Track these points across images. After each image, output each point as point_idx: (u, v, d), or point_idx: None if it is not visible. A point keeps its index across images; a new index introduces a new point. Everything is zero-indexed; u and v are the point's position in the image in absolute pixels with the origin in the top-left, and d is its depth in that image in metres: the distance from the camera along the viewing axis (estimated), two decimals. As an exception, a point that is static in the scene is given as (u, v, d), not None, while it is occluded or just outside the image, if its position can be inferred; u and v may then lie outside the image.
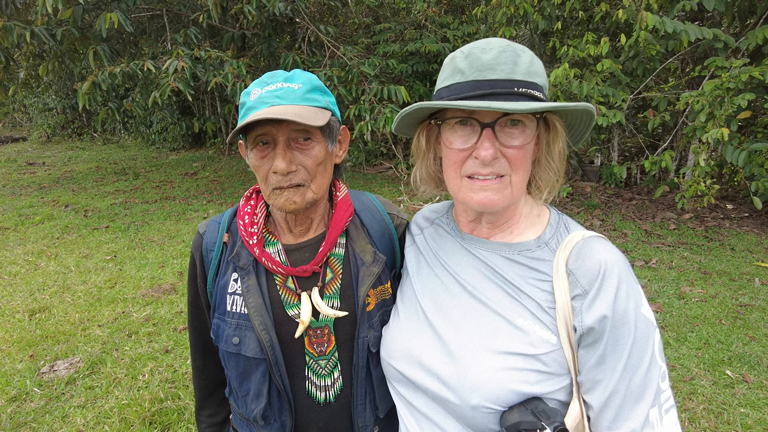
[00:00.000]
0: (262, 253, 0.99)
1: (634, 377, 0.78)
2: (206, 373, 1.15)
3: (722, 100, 4.62)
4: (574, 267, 0.82)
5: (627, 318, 0.77)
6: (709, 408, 2.58)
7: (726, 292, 3.89)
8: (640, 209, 6.39)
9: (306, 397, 1.01)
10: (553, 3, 6.07)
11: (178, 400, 2.77)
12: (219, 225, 1.05)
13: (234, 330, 0.98)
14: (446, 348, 0.86)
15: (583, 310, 0.79)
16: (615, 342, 0.78)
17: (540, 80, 0.82)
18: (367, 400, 1.04)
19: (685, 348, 3.15)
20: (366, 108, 7.14)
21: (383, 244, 1.06)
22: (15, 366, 3.20)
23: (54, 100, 16.21)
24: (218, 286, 1.02)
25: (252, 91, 0.94)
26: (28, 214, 7.17)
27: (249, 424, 1.06)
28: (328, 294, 1.00)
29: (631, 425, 0.78)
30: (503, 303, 0.85)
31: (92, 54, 6.52)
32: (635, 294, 0.80)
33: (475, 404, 0.80)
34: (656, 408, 0.78)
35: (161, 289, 4.31)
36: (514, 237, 0.90)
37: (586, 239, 0.84)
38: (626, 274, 0.81)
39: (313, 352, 1.00)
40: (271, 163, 0.92)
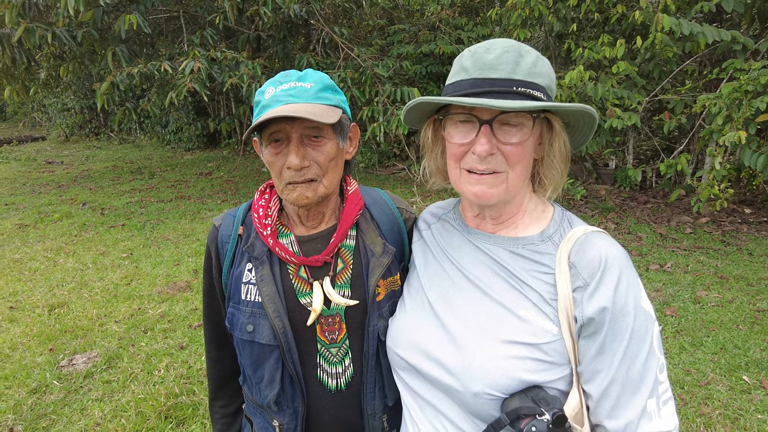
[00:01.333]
0: (276, 243, 1.02)
1: (632, 368, 0.79)
2: (220, 364, 1.18)
3: (740, 103, 4.57)
4: (575, 260, 0.84)
5: (626, 310, 0.79)
6: (726, 413, 2.56)
7: (743, 297, 3.84)
8: (655, 213, 6.33)
9: (318, 384, 1.04)
10: (568, 5, 6.05)
11: (193, 395, 2.81)
12: (234, 218, 1.09)
13: (248, 318, 1.01)
14: (451, 338, 0.88)
15: (584, 301, 0.81)
16: (614, 333, 0.80)
17: (542, 81, 0.84)
18: (376, 388, 1.06)
19: (701, 353, 3.12)
20: (379, 109, 7.17)
21: (392, 236, 1.10)
22: (35, 359, 3.28)
23: (72, 100, 16.48)
24: (233, 276, 1.05)
25: (266, 90, 0.97)
26: (47, 212, 7.31)
27: (262, 411, 1.08)
28: (339, 283, 1.03)
29: (628, 415, 0.79)
30: (507, 294, 0.88)
31: (111, 55, 6.63)
32: (635, 287, 0.82)
33: (477, 391, 0.82)
34: (654, 399, 0.80)
35: (176, 286, 4.37)
36: (519, 231, 0.93)
37: (588, 234, 0.87)
38: (626, 267, 0.83)
39: (324, 339, 1.02)
40: (284, 159, 0.95)
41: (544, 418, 0.77)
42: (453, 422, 0.88)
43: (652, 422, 0.79)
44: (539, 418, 0.77)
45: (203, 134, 12.81)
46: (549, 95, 0.86)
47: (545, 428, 0.76)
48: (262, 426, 1.09)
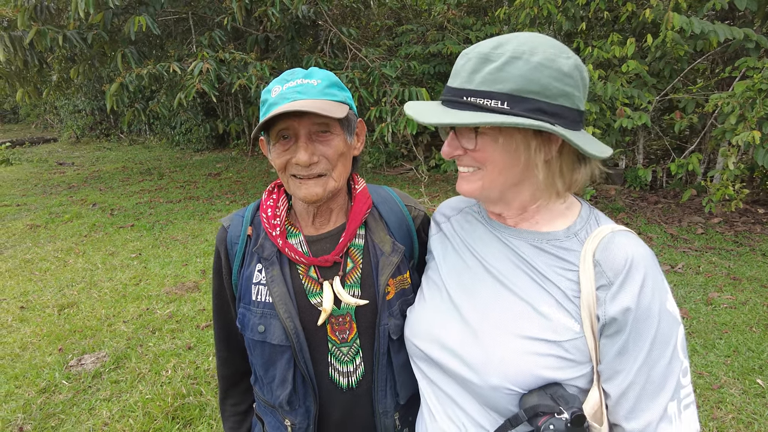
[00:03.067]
0: (285, 244, 1.02)
1: (654, 370, 0.78)
2: (230, 363, 1.18)
3: (753, 102, 4.49)
4: (600, 258, 0.82)
5: (651, 312, 0.78)
6: (739, 417, 2.51)
7: (757, 299, 3.78)
8: (666, 213, 6.26)
9: (329, 383, 1.04)
10: (577, 3, 5.99)
11: (200, 396, 2.81)
12: (242, 219, 1.08)
13: (259, 319, 1.01)
14: (471, 330, 0.88)
15: (607, 300, 0.80)
16: (637, 334, 0.78)
17: (504, 87, 0.79)
18: (387, 387, 1.06)
19: (713, 355, 3.07)
20: (387, 110, 7.16)
21: (401, 234, 1.09)
22: (45, 359, 3.30)
23: (83, 102, 16.65)
24: (243, 277, 1.05)
25: (273, 89, 0.97)
26: (58, 212, 7.38)
27: (274, 410, 1.08)
28: (348, 283, 1.03)
29: (648, 417, 0.78)
30: (529, 289, 0.86)
31: (120, 56, 6.68)
32: (660, 289, 0.80)
33: (495, 385, 0.82)
34: (675, 402, 0.78)
35: (184, 287, 4.38)
36: (541, 226, 0.91)
37: (615, 232, 0.85)
38: (653, 268, 0.81)
39: (335, 339, 1.02)
40: (292, 155, 0.95)
41: (562, 417, 0.75)
42: (469, 414, 0.88)
43: (672, 426, 0.78)
44: (558, 417, 0.76)
45: (212, 135, 12.87)
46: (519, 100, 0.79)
47: (563, 427, 0.75)
48: (274, 425, 1.09)
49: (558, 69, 0.79)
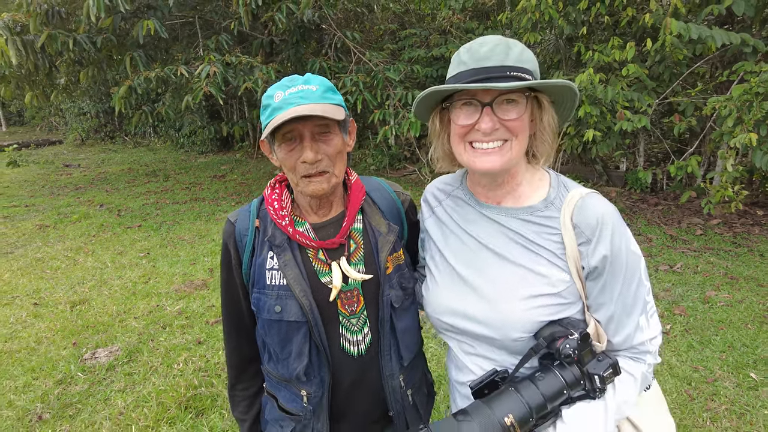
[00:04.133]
0: (295, 231, 1.12)
1: (627, 297, 1.01)
2: (239, 351, 1.27)
3: (750, 105, 4.58)
4: (577, 220, 1.01)
5: (620, 255, 1.00)
6: (732, 409, 2.60)
7: (753, 298, 3.86)
8: (665, 214, 6.34)
9: (341, 352, 1.14)
10: (578, 8, 6.09)
11: (211, 387, 2.91)
12: (249, 213, 1.19)
13: (275, 300, 1.11)
14: (485, 299, 1.06)
15: (589, 254, 1.00)
16: (612, 274, 1.00)
17: (529, 66, 0.99)
18: (392, 351, 1.18)
19: (709, 351, 3.15)
20: (390, 113, 7.27)
21: (393, 217, 1.22)
22: (60, 353, 3.40)
23: (88, 104, 16.80)
24: (255, 265, 1.14)
25: (275, 95, 1.06)
26: (66, 213, 7.49)
27: (288, 384, 1.17)
28: (353, 262, 1.15)
29: (626, 331, 1.03)
30: (524, 256, 1.04)
31: (129, 60, 6.81)
32: (625, 236, 1.01)
33: (515, 337, 1.02)
34: (644, 315, 1.03)
35: (193, 284, 4.48)
36: (522, 201, 1.08)
37: (584, 197, 1.03)
38: (617, 221, 1.01)
39: (345, 312, 1.13)
40: (298, 155, 1.06)
41: (574, 337, 0.96)
42: (493, 360, 1.08)
43: (644, 332, 1.03)
44: (570, 338, 0.96)
45: (216, 138, 12.99)
46: (536, 77, 1.00)
47: (576, 344, 0.95)
48: (288, 398, 1.18)
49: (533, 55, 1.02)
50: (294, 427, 1.17)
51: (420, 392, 1.28)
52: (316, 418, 1.15)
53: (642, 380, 1.04)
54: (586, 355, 0.98)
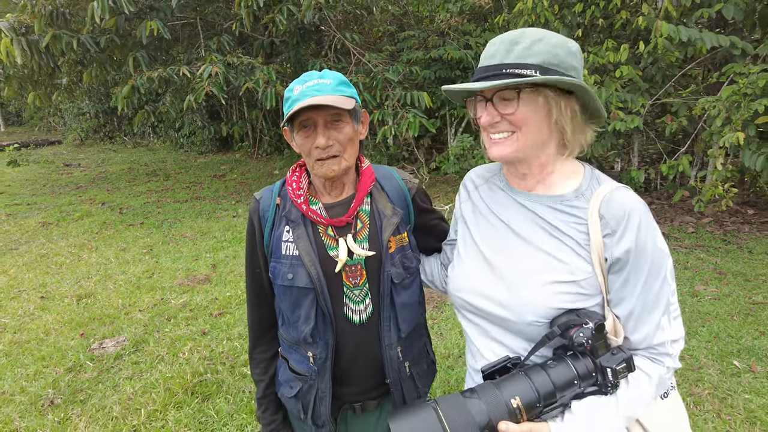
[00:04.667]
0: (309, 209, 1.25)
1: (649, 294, 1.00)
2: (259, 316, 1.39)
3: (739, 106, 4.72)
4: (604, 212, 1.02)
5: (646, 250, 0.99)
6: (715, 393, 2.72)
7: (740, 291, 3.99)
8: (659, 213, 6.46)
9: (344, 319, 1.26)
10: (574, 11, 6.23)
11: (217, 374, 3.02)
12: (272, 192, 1.32)
13: (288, 268, 1.24)
14: (505, 281, 1.09)
15: (613, 245, 1.00)
16: (636, 268, 1.00)
17: (536, 60, 0.98)
18: (391, 323, 1.29)
19: (695, 341, 3.27)
20: (389, 113, 7.38)
21: (399, 202, 1.33)
22: (68, 343, 3.51)
23: (88, 104, 16.87)
24: (274, 237, 1.28)
25: (294, 88, 1.20)
26: (69, 211, 7.59)
27: (297, 347, 1.29)
28: (359, 239, 1.26)
29: (646, 329, 1.01)
30: (549, 243, 1.07)
31: (132, 60, 6.92)
32: (652, 231, 1.01)
33: (530, 321, 1.04)
34: (666, 316, 1.02)
35: (196, 279, 4.59)
36: (554, 190, 1.10)
37: (614, 190, 1.04)
38: (645, 215, 1.01)
39: (349, 283, 1.25)
40: (313, 141, 1.19)
41: (589, 326, 0.96)
42: (509, 347, 1.10)
43: (665, 333, 1.01)
44: (585, 327, 0.96)
45: (216, 138, 13.09)
46: (547, 70, 0.99)
47: (590, 334, 0.96)
48: (298, 360, 1.30)
49: (568, 48, 1.01)
50: (301, 386, 1.29)
51: (418, 366, 1.39)
52: (321, 378, 1.27)
53: (659, 383, 1.02)
54: (600, 347, 0.98)
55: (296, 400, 1.31)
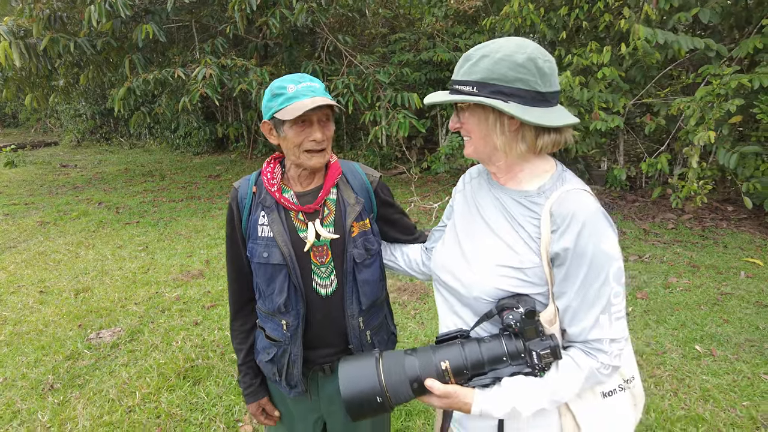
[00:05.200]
0: (281, 196, 1.42)
1: (588, 292, 1.06)
2: (238, 291, 1.56)
3: (712, 106, 4.91)
4: (554, 210, 1.09)
5: (585, 250, 1.04)
6: (675, 375, 2.89)
7: (710, 283, 4.17)
8: (642, 210, 6.65)
9: (313, 292, 1.43)
10: (559, 14, 6.41)
11: (208, 360, 3.18)
12: (249, 181, 1.49)
13: (264, 248, 1.40)
14: (467, 261, 1.21)
15: (554, 241, 1.08)
16: (575, 266, 1.06)
17: (476, 77, 1.09)
18: (353, 296, 1.46)
19: (663, 329, 3.45)
20: (380, 114, 7.56)
21: (362, 193, 1.50)
22: (66, 333, 3.66)
23: (84, 106, 16.97)
24: (251, 221, 1.44)
25: (288, 86, 1.34)
26: (66, 210, 7.73)
27: (272, 317, 1.46)
28: (325, 224, 1.44)
29: (583, 324, 1.08)
30: (507, 232, 1.17)
31: (128, 62, 7.08)
32: (596, 234, 1.05)
33: (476, 296, 1.16)
34: (606, 315, 1.06)
35: (190, 274, 4.75)
36: (522, 185, 1.18)
37: (569, 191, 1.10)
38: (591, 219, 1.06)
39: (316, 261, 1.42)
40: (307, 135, 1.35)
41: (519, 311, 1.05)
42: (462, 318, 1.22)
43: (602, 331, 1.06)
44: (515, 311, 1.06)
45: (212, 139, 13.24)
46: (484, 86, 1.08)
47: (519, 317, 1.05)
48: (273, 328, 1.47)
49: (513, 61, 1.06)
50: (276, 351, 1.46)
51: (379, 335, 1.56)
52: (293, 343, 1.44)
53: (589, 375, 1.07)
54: (530, 332, 1.06)
55: (272, 364, 1.48)
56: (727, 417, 2.54)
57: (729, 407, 2.61)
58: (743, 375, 2.87)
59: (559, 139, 1.14)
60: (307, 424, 1.58)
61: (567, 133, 1.15)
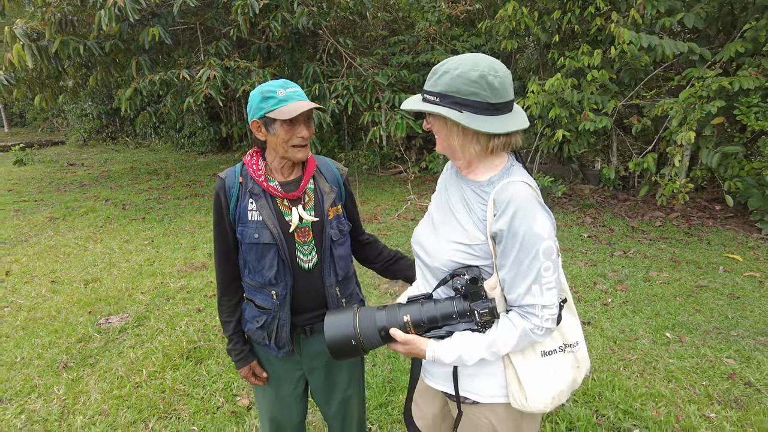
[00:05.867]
0: (268, 185, 1.64)
1: (521, 265, 1.25)
2: (226, 270, 1.75)
3: (694, 107, 5.11)
4: (496, 197, 1.29)
5: (518, 231, 1.24)
6: (643, 358, 3.10)
7: (689, 277, 4.37)
8: (632, 209, 6.85)
9: (297, 266, 1.66)
10: (552, 17, 6.62)
11: (210, 342, 3.42)
12: (235, 172, 1.69)
13: (254, 230, 1.62)
14: (434, 236, 1.44)
15: (494, 222, 1.28)
16: (509, 244, 1.26)
17: (439, 89, 1.28)
18: (331, 269, 1.70)
19: (638, 318, 3.66)
20: (379, 115, 7.78)
21: (333, 183, 1.75)
22: (77, 319, 3.90)
23: (90, 106, 17.26)
24: (240, 207, 1.65)
25: (277, 90, 1.57)
26: (74, 207, 7.99)
27: (262, 289, 1.68)
28: (306, 209, 1.67)
29: (518, 291, 1.27)
30: (463, 214, 1.38)
31: (134, 64, 7.33)
32: (527, 218, 1.24)
33: (436, 266, 1.38)
34: (538, 285, 1.25)
35: (193, 266, 4.99)
36: (478, 177, 1.41)
37: (510, 182, 1.29)
38: (523, 206, 1.25)
39: (299, 240, 1.65)
40: (295, 132, 1.58)
41: (465, 278, 1.28)
42: (429, 283, 1.45)
43: (534, 298, 1.25)
44: (462, 277, 1.28)
45: (216, 138, 13.50)
46: (444, 97, 1.27)
47: (465, 283, 1.27)
48: (263, 299, 1.69)
49: (467, 78, 1.24)
50: (266, 318, 1.69)
51: (351, 301, 1.81)
52: (282, 310, 1.67)
53: (523, 334, 1.27)
54: (474, 296, 1.27)
55: (262, 330, 1.71)
56: (686, 394, 2.75)
57: (689, 386, 2.82)
58: (706, 359, 3.08)
59: (509, 141, 1.34)
60: (291, 381, 1.81)
61: (515, 136, 1.35)
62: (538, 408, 1.33)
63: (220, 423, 2.65)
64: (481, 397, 1.40)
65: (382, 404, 2.75)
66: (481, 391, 1.40)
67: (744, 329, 3.43)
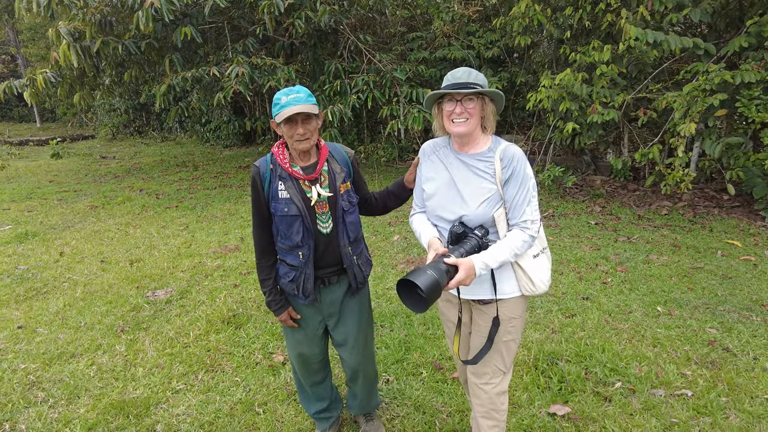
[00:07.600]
0: (292, 170, 2.07)
1: (521, 194, 1.83)
2: (262, 237, 2.18)
3: (697, 100, 5.36)
4: (502, 156, 1.86)
5: (520, 173, 1.84)
6: (634, 328, 3.44)
7: (686, 260, 4.66)
8: (640, 198, 7.10)
9: (318, 232, 2.10)
10: (565, 14, 6.88)
11: (247, 311, 3.87)
12: (266, 161, 2.13)
13: (284, 205, 2.06)
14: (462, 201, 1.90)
15: (505, 171, 1.84)
16: (516, 181, 1.84)
17: (480, 81, 1.82)
18: (344, 233, 2.14)
19: (634, 295, 3.98)
20: (397, 109, 8.15)
21: (343, 165, 2.19)
22: (128, 292, 4.39)
23: (118, 101, 17.95)
24: (272, 188, 2.09)
25: (282, 98, 1.98)
26: (111, 196, 8.56)
27: (292, 250, 2.12)
28: (323, 186, 2.10)
29: (519, 212, 1.85)
30: (474, 180, 1.89)
31: (168, 62, 7.82)
32: (524, 165, 1.86)
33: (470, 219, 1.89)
34: (529, 207, 1.84)
35: (227, 248, 5.45)
36: (478, 149, 1.92)
37: (507, 146, 1.88)
38: (521, 158, 1.85)
39: (318, 211, 2.09)
40: (294, 130, 1.99)
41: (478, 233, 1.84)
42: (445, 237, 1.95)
43: (527, 215, 1.83)
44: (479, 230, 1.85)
45: (240, 132, 14.02)
46: (484, 88, 1.82)
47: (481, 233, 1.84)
48: (292, 258, 2.13)
49: (484, 77, 1.85)
50: (295, 273, 2.13)
51: (361, 259, 2.25)
52: (307, 266, 2.11)
53: (525, 240, 1.82)
54: (484, 236, 1.84)
55: (292, 283, 2.15)
56: (668, 356, 3.09)
57: (672, 351, 3.16)
58: (691, 329, 3.40)
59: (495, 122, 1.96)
60: (314, 323, 2.28)
61: None
62: (542, 290, 1.93)
63: (259, 375, 3.08)
64: (505, 294, 1.94)
65: (399, 360, 3.15)
66: (506, 290, 1.94)
67: (731, 305, 3.74)
